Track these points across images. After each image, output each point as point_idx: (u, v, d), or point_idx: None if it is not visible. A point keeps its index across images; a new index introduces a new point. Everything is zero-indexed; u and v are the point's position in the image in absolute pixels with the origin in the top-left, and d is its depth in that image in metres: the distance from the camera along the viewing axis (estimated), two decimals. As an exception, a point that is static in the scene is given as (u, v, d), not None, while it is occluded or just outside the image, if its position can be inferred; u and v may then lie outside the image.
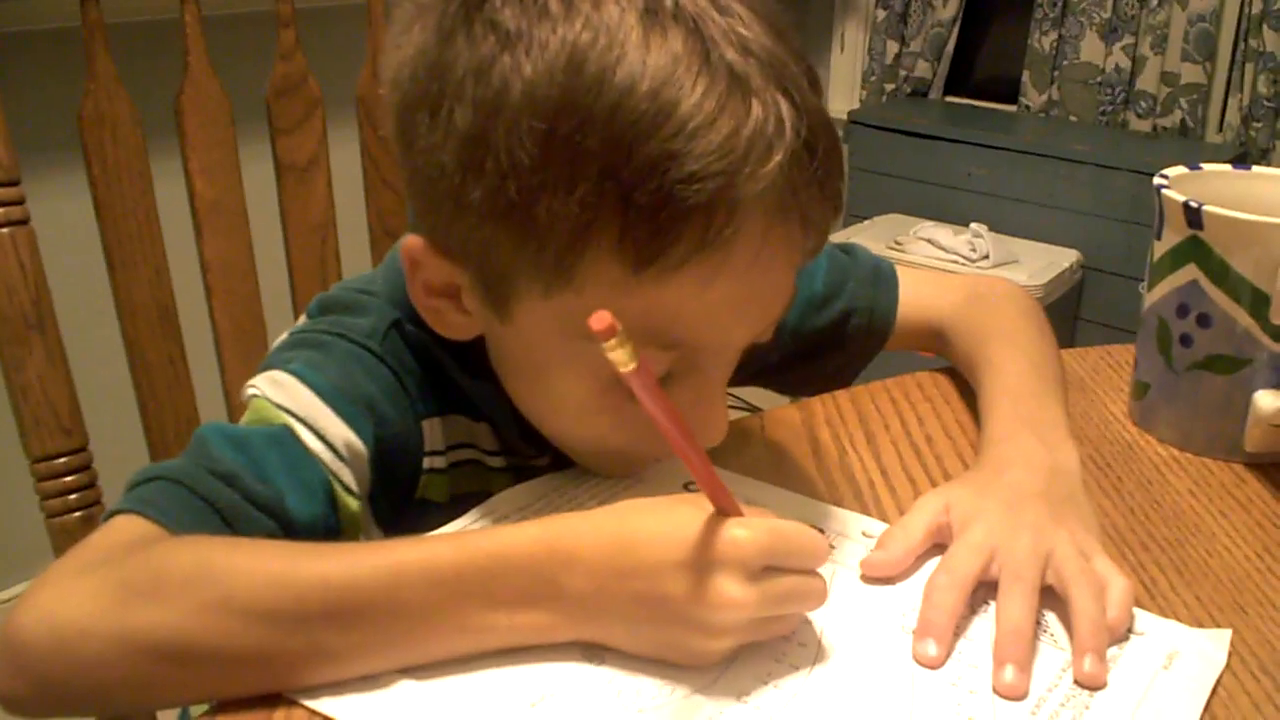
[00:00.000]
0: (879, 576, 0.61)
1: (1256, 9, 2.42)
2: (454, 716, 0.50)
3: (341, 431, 0.62)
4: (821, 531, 0.65)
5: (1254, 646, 0.58)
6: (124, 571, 0.52)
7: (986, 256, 2.40)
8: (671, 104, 0.52)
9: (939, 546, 0.63)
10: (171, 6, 0.96)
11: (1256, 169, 0.83)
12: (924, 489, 0.70)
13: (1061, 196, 2.53)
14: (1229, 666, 0.56)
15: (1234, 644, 0.58)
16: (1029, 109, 2.81)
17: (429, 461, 0.69)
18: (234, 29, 1.41)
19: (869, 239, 2.48)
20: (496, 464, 0.72)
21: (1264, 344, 0.74)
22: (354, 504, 0.62)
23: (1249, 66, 2.47)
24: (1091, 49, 2.67)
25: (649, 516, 0.53)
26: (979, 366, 0.78)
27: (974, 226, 2.47)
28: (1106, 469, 0.76)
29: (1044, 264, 2.42)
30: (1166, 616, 0.60)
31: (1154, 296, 0.79)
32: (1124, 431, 0.82)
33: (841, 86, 3.14)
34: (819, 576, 0.55)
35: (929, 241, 2.47)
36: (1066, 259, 2.46)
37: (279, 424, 0.61)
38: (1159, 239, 0.78)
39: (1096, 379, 0.90)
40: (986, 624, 0.58)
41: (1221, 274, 0.74)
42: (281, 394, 0.63)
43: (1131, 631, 0.58)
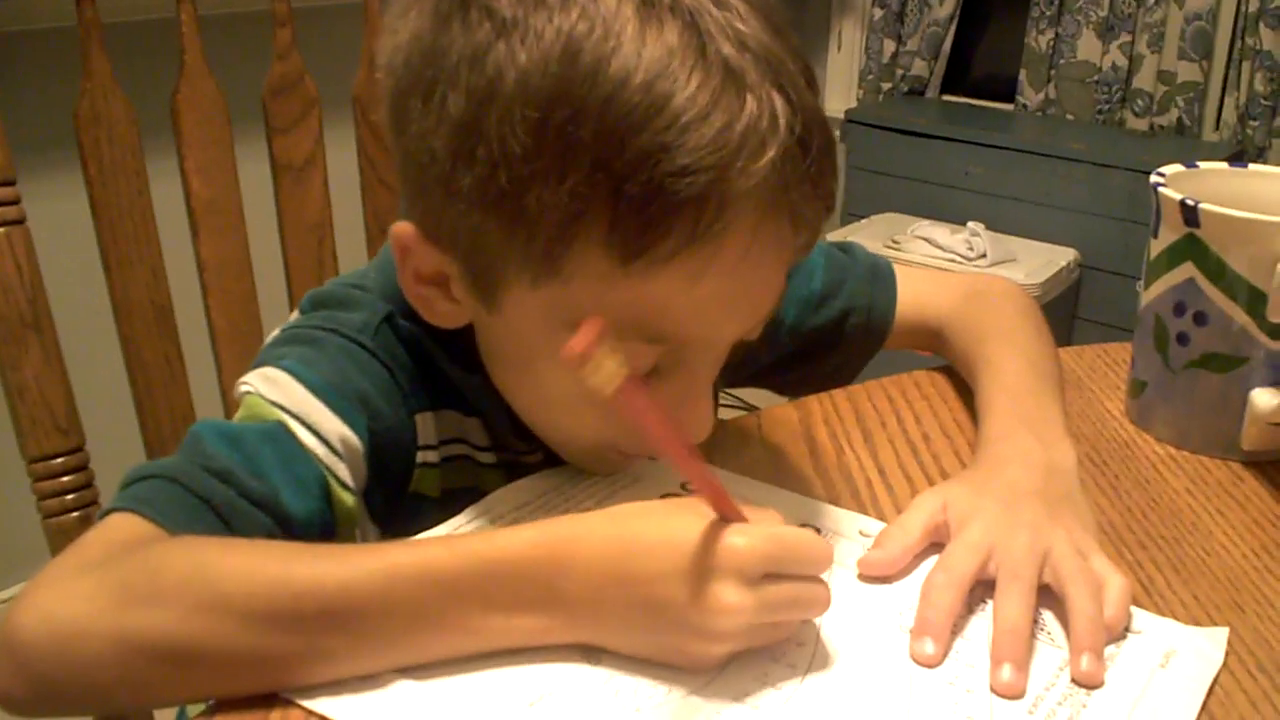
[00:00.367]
0: (876, 575, 0.61)
1: (1253, 7, 2.42)
2: (452, 716, 0.50)
3: (336, 427, 0.62)
4: (819, 531, 0.65)
5: (1251, 645, 0.58)
6: (121, 572, 0.52)
7: (984, 255, 2.40)
8: (665, 97, 0.52)
9: (936, 545, 0.63)
10: (168, 6, 0.96)
11: (1253, 167, 0.83)
12: (921, 488, 0.70)
13: (1058, 195, 2.53)
14: (1226, 665, 0.56)
15: (1231, 642, 0.58)
16: (1026, 108, 2.81)
17: (421, 456, 0.69)
18: (230, 28, 1.41)
19: (866, 238, 2.48)
20: (487, 460, 0.72)
21: (1261, 342, 0.74)
22: (349, 499, 0.62)
23: (1246, 65, 2.47)
24: (1088, 47, 2.67)
25: (647, 521, 0.53)
26: (976, 365, 0.78)
27: (971, 225, 2.48)
28: (1104, 467, 0.76)
29: (1041, 262, 2.42)
30: (1164, 615, 0.60)
31: (1151, 295, 0.79)
32: (1121, 430, 0.82)
33: (838, 85, 3.14)
34: (822, 583, 0.54)
35: (926, 240, 2.47)
36: (1064, 257, 2.46)
37: (273, 420, 0.61)
38: (1156, 237, 0.78)
39: (1093, 377, 0.90)
40: (984, 623, 0.58)
41: (1218, 272, 0.74)
42: (275, 390, 0.62)
43: (1129, 630, 0.58)
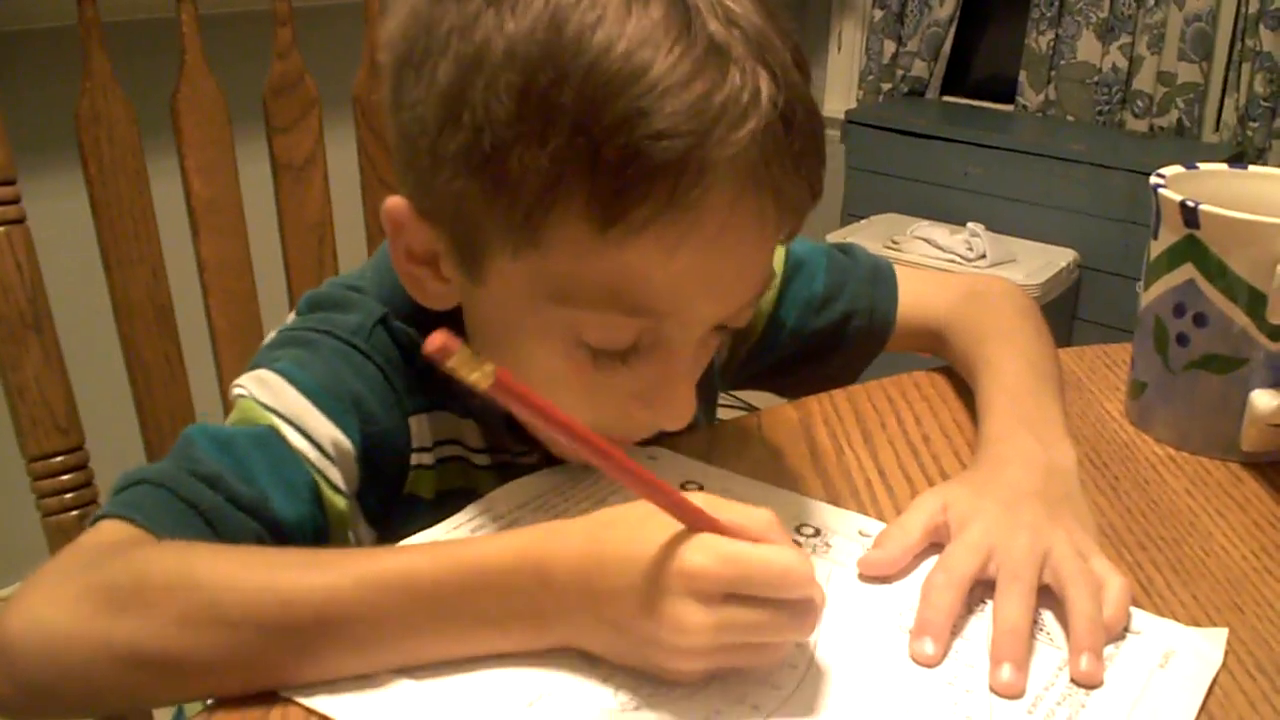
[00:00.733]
0: (876, 575, 0.61)
1: (1253, 9, 2.43)
2: (451, 716, 0.50)
3: (328, 430, 0.62)
4: (817, 533, 0.65)
5: (1250, 645, 0.58)
6: (107, 577, 0.52)
7: (983, 256, 2.40)
8: (646, 64, 0.52)
9: (936, 546, 0.63)
10: (168, 5, 0.96)
11: (1253, 168, 0.83)
12: (921, 488, 0.70)
13: (1058, 196, 2.53)
14: (1225, 665, 0.56)
15: (1230, 643, 0.58)
16: (1026, 108, 2.81)
17: (416, 458, 0.69)
18: (230, 28, 1.41)
19: (866, 238, 2.49)
20: (482, 461, 0.72)
21: (1260, 343, 0.74)
22: (341, 502, 0.62)
23: (1246, 66, 2.47)
24: (1088, 49, 2.67)
25: (616, 533, 0.52)
26: (976, 365, 0.78)
27: (971, 226, 2.48)
28: (1103, 468, 0.76)
29: (1041, 263, 2.42)
30: (1163, 616, 0.60)
31: (1151, 296, 0.79)
32: (1121, 431, 0.82)
33: (838, 86, 3.14)
34: (806, 607, 0.51)
35: (926, 241, 2.47)
36: (1063, 258, 2.46)
37: (264, 424, 0.61)
38: (1156, 238, 0.78)
39: (1093, 378, 0.90)
40: (983, 623, 0.58)
41: (1218, 273, 0.74)
42: (268, 393, 0.63)
43: (1128, 630, 0.58)
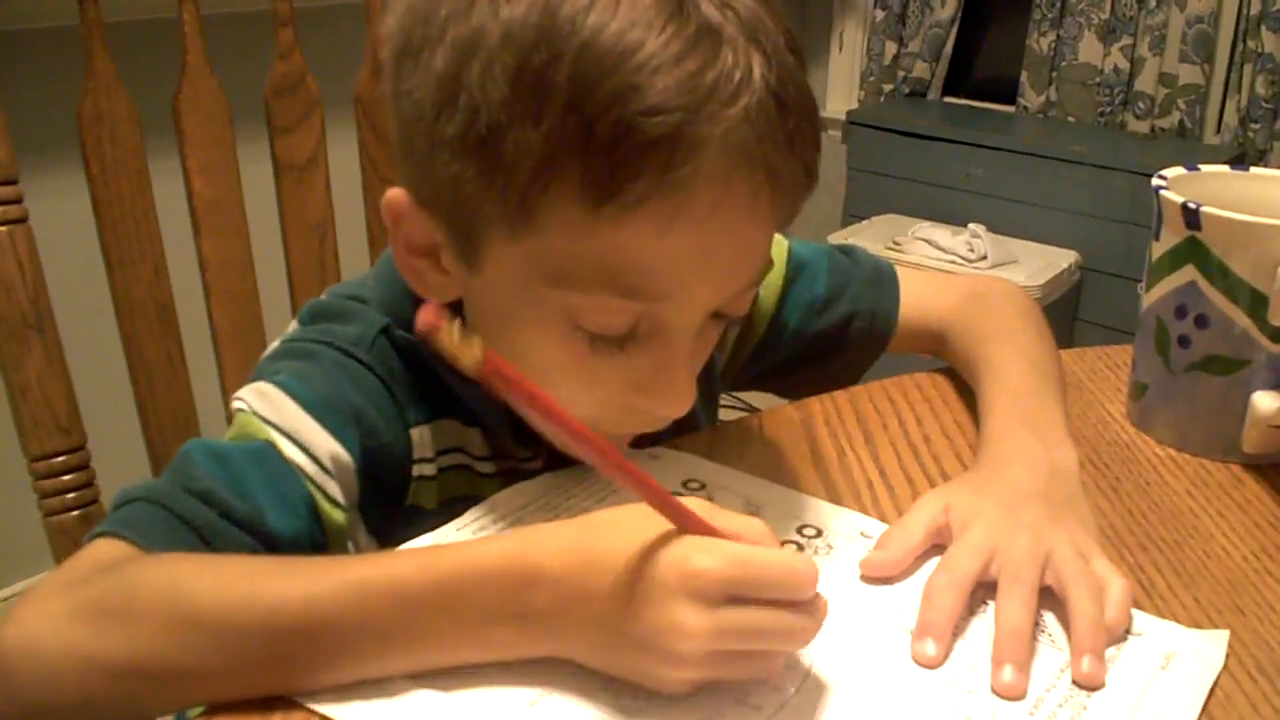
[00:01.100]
0: (878, 576, 0.61)
1: (1255, 10, 2.43)
2: (452, 716, 0.50)
3: (327, 444, 0.62)
4: (819, 533, 0.65)
5: (1251, 647, 0.58)
6: (96, 591, 0.52)
7: (984, 257, 2.40)
8: (638, 43, 0.53)
9: (938, 547, 0.63)
10: (170, 5, 0.96)
11: (1255, 170, 0.83)
12: (922, 489, 0.70)
13: (1059, 197, 2.53)
14: (1226, 667, 0.56)
15: (1232, 645, 0.58)
16: (1027, 110, 2.81)
17: (418, 469, 0.68)
18: (232, 28, 1.41)
19: (867, 239, 2.49)
20: (486, 469, 0.71)
21: (1262, 345, 0.74)
22: (339, 516, 0.62)
23: (1247, 68, 2.47)
24: (1090, 50, 2.67)
25: (614, 534, 0.51)
26: (978, 366, 0.78)
27: (972, 227, 2.48)
28: (1105, 470, 0.76)
29: (1042, 265, 2.42)
30: (1164, 617, 0.60)
31: (1152, 297, 0.79)
32: (1122, 432, 0.82)
33: (840, 87, 3.14)
34: (802, 613, 0.51)
35: (927, 242, 2.47)
36: (1064, 260, 2.46)
37: (262, 439, 0.61)
38: (1157, 240, 0.78)
39: (1094, 380, 0.90)
40: (985, 625, 0.58)
41: (1220, 275, 0.74)
42: (267, 407, 0.63)
43: (1129, 632, 0.58)
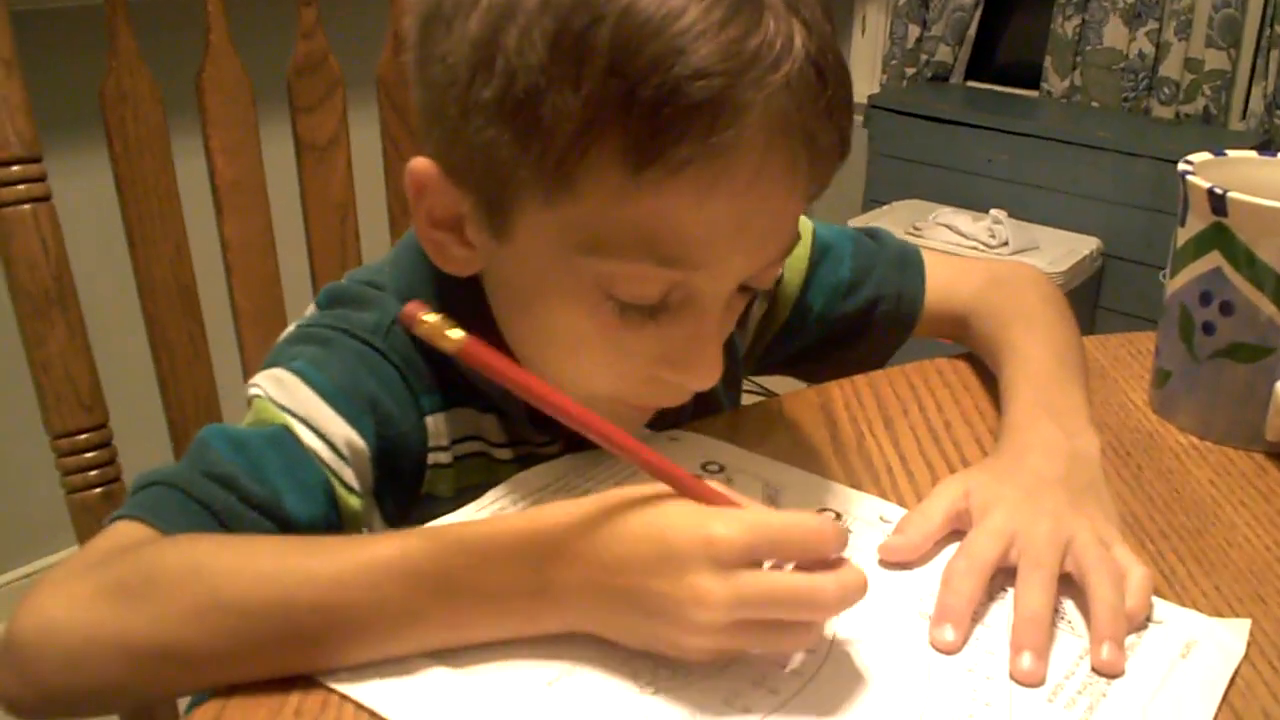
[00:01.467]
0: (897, 561, 0.61)
1: (1283, -5, 2.40)
2: (469, 696, 0.50)
3: (343, 430, 0.62)
4: (838, 517, 0.65)
5: (1273, 637, 0.58)
6: (116, 574, 0.52)
7: (1006, 243, 2.39)
8: (680, 8, 0.52)
9: (958, 532, 0.62)
10: (193, -16, 0.96)
11: (1282, 156, 0.82)
12: (942, 475, 0.70)
13: (1083, 183, 2.51)
14: (1247, 657, 0.56)
15: (1253, 634, 0.58)
16: (1051, 95, 2.79)
17: (433, 457, 0.68)
18: (255, 7, 1.41)
19: (888, 225, 2.47)
20: (503, 456, 0.71)
21: (1287, 333, 0.74)
22: (355, 502, 0.62)
23: (1274, 53, 2.45)
24: (1115, 34, 2.65)
25: (634, 507, 0.52)
26: (1000, 351, 0.77)
27: (994, 213, 2.46)
28: (1126, 457, 0.76)
29: (1064, 251, 2.41)
30: (1185, 606, 0.60)
31: (1177, 284, 0.79)
32: (1144, 420, 0.81)
33: (862, 70, 3.12)
34: (833, 580, 0.50)
35: (948, 227, 2.46)
36: (1087, 246, 2.44)
37: (278, 424, 0.62)
38: (1183, 225, 0.77)
39: (1117, 366, 0.89)
40: (1004, 610, 0.58)
41: (1246, 261, 0.74)
42: (283, 393, 0.63)
43: (1150, 620, 0.58)
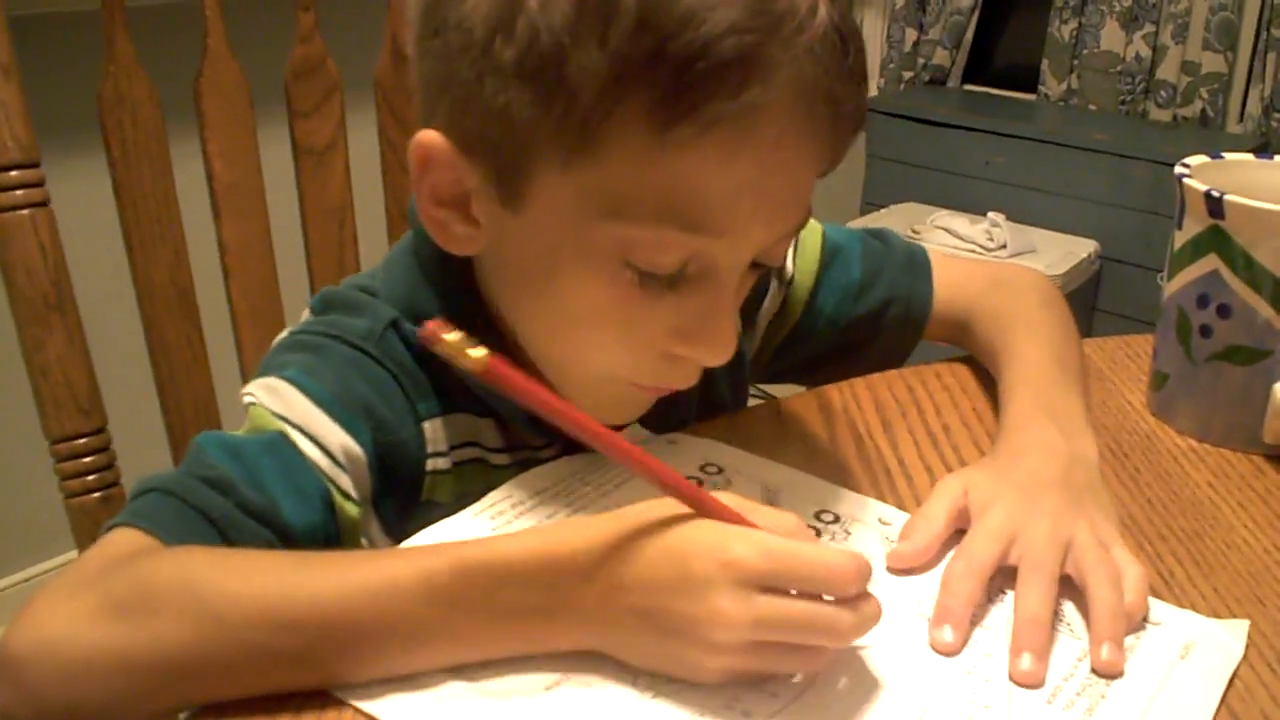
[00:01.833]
0: (906, 569, 0.61)
1: (1279, -2, 2.41)
2: (467, 699, 0.50)
3: (339, 438, 0.62)
4: (837, 519, 0.65)
5: (1272, 638, 0.58)
6: (111, 587, 0.52)
7: (1004, 246, 2.39)
8: None
9: (959, 531, 0.62)
10: (191, -11, 0.96)
11: (1279, 158, 0.82)
12: (940, 478, 0.70)
13: (1080, 186, 2.52)
14: (1246, 658, 0.56)
15: (1251, 635, 0.58)
16: (1048, 98, 2.80)
17: (432, 463, 0.68)
18: (253, 11, 1.41)
19: (886, 227, 2.48)
20: (501, 461, 0.71)
21: (1285, 335, 0.74)
22: (353, 510, 0.62)
23: (1271, 56, 2.45)
24: (1112, 38, 2.66)
25: (650, 525, 0.51)
26: (999, 354, 0.77)
27: (991, 216, 2.47)
28: (1124, 460, 0.76)
29: (1061, 254, 2.41)
30: (1184, 608, 0.60)
31: (1174, 286, 0.79)
32: (1142, 422, 0.81)
33: (859, 74, 3.12)
34: (850, 610, 0.50)
35: (946, 230, 2.47)
36: (1084, 249, 2.45)
37: (274, 430, 0.61)
38: (1180, 228, 0.78)
39: (1115, 369, 0.89)
40: (1003, 613, 0.58)
41: (1243, 264, 0.74)
42: (278, 401, 0.62)
43: (1148, 621, 0.58)
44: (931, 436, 0.77)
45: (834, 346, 0.85)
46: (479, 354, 0.46)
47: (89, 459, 0.89)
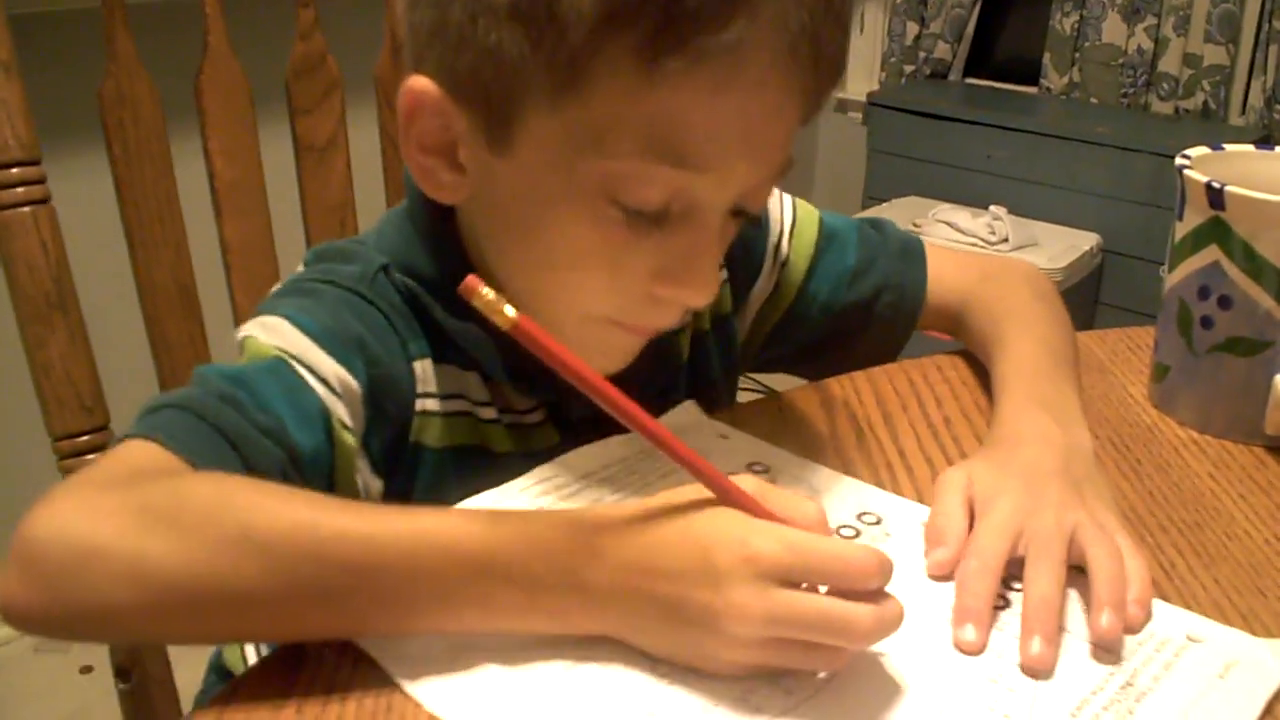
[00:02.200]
0: (946, 575, 0.59)
1: (1281, -10, 2.40)
2: (483, 677, 0.51)
3: (333, 368, 0.62)
4: (879, 521, 0.64)
5: (1273, 630, 0.58)
6: (145, 495, 0.51)
7: (1006, 239, 2.39)
8: None
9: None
10: (191, -14, 0.96)
11: (1280, 150, 0.82)
12: (941, 471, 0.70)
13: (1082, 179, 2.51)
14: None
15: (1253, 627, 0.58)
16: (1050, 91, 2.79)
17: (421, 404, 0.68)
18: (253, 9, 1.41)
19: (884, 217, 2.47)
20: (488, 415, 0.71)
21: (1286, 326, 0.74)
22: (350, 440, 0.62)
23: (1273, 48, 2.45)
24: (1113, 30, 2.65)
25: (678, 515, 0.52)
26: (993, 345, 0.77)
27: (993, 209, 2.46)
28: (1126, 451, 0.76)
29: (1063, 247, 2.41)
30: (1185, 600, 0.60)
31: (1175, 278, 0.79)
32: (1144, 414, 0.81)
33: (861, 68, 3.12)
34: (870, 610, 0.49)
35: (948, 224, 2.46)
36: (1086, 242, 2.44)
37: (273, 356, 0.61)
38: (1181, 220, 0.78)
39: (1116, 361, 0.89)
40: (1014, 616, 0.57)
41: (1244, 255, 0.74)
42: (273, 335, 0.63)
43: (1190, 638, 0.56)
44: (932, 429, 0.77)
45: (827, 333, 0.85)
46: (511, 313, 0.49)
47: (92, 456, 0.88)
